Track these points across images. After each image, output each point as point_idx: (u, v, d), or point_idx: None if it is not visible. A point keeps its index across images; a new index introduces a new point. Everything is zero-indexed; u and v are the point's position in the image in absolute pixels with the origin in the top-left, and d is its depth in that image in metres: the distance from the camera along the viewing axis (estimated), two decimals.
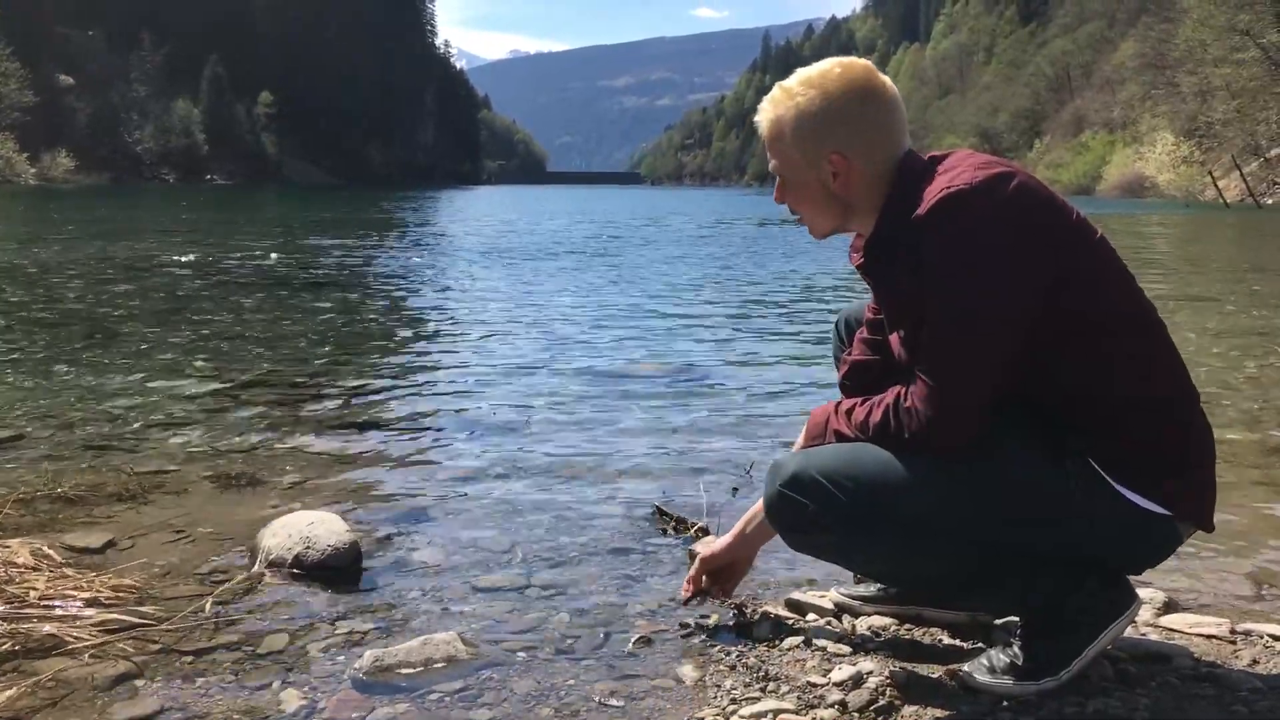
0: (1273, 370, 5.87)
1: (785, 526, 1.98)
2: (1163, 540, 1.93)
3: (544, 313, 8.37)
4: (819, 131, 1.95)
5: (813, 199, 2.03)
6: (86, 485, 3.39)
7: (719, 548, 2.32)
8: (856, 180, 1.97)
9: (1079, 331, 1.84)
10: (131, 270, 11.25)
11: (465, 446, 4.03)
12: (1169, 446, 1.88)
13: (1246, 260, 15.58)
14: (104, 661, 2.14)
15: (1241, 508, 3.29)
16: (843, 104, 1.94)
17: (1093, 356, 1.86)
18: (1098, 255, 1.88)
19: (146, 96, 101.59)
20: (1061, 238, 1.83)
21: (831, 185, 1.98)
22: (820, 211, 2.05)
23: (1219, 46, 58.53)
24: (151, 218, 26.02)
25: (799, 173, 2.00)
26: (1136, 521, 1.86)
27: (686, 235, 21.47)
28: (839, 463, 1.89)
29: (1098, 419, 1.87)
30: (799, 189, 2.03)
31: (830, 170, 1.96)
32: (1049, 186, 1.92)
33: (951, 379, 1.81)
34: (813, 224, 2.09)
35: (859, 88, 1.95)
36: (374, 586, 2.61)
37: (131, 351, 6.10)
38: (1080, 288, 1.83)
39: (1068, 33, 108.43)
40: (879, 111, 1.96)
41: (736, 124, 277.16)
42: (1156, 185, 59.57)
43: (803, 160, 1.98)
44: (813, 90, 1.95)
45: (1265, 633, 2.27)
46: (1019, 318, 1.80)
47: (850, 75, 1.96)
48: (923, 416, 1.82)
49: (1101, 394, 1.87)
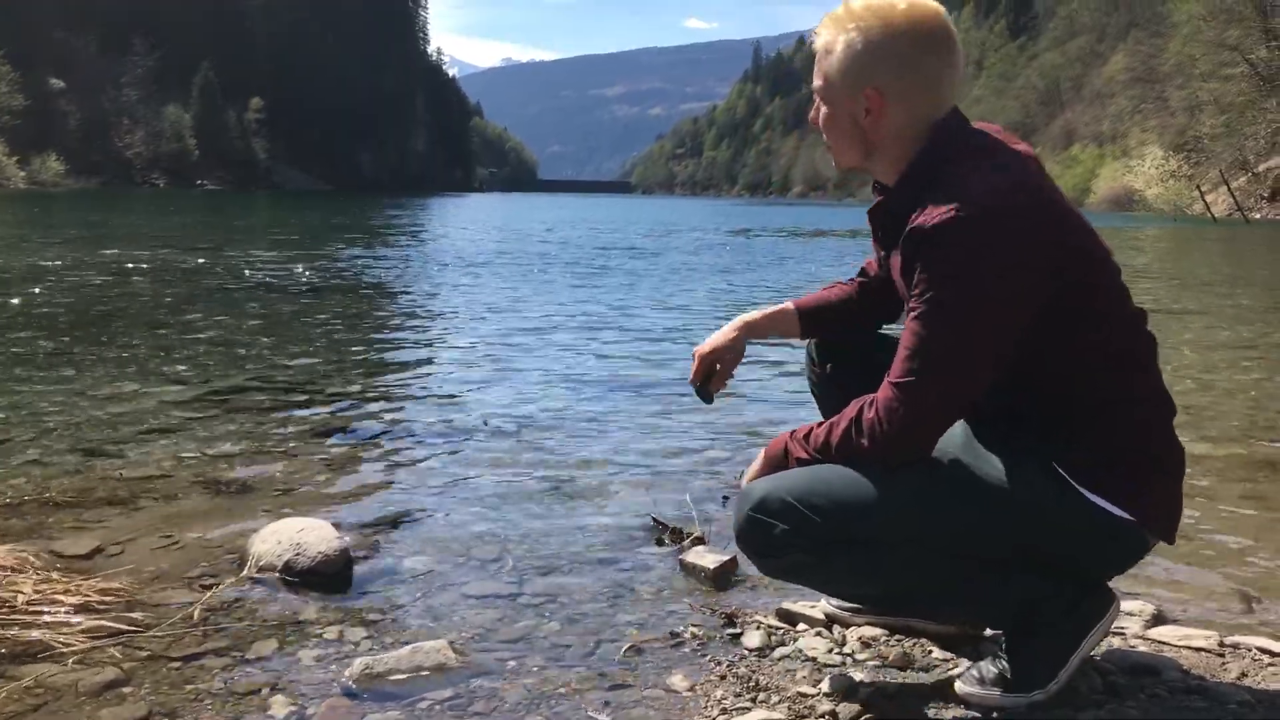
0: (1259, 383, 5.90)
1: (756, 551, 1.94)
2: (1129, 547, 1.92)
3: (536, 320, 8.37)
4: (865, 63, 1.87)
5: (840, 128, 1.96)
6: (75, 490, 3.38)
7: (712, 337, 2.32)
8: (887, 124, 1.90)
9: (1062, 341, 1.83)
10: (120, 275, 11.21)
11: (456, 453, 4.02)
12: (1138, 456, 1.87)
13: (1233, 274, 15.66)
14: (91, 667, 2.13)
15: (1228, 520, 3.30)
16: (898, 42, 1.86)
17: (1071, 367, 1.86)
18: (1096, 268, 1.86)
19: (137, 101, 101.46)
20: (1063, 255, 1.79)
21: (862, 120, 1.91)
22: (845, 143, 1.98)
23: (1208, 62, 58.91)
24: (141, 222, 25.93)
25: (835, 97, 1.94)
26: (1103, 528, 1.85)
27: (683, 244, 21.47)
28: (807, 484, 1.87)
29: (1067, 425, 1.87)
30: (830, 116, 1.97)
31: (864, 105, 1.90)
32: (1054, 190, 1.88)
33: (925, 396, 1.79)
34: (836, 153, 2.02)
35: (922, 31, 1.86)
36: (364, 593, 2.61)
37: (121, 356, 6.07)
38: (1073, 301, 1.82)
39: (1058, 46, 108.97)
40: (933, 63, 1.88)
41: (728, 133, 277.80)
42: (1145, 199, 59.83)
43: (841, 86, 1.91)
44: (875, 19, 1.86)
45: (1254, 645, 2.27)
46: (1004, 347, 1.79)
47: (916, 16, 1.86)
48: (888, 426, 1.80)
49: (1075, 400, 1.86)
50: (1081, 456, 1.85)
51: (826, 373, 2.32)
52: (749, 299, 10.66)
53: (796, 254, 19.58)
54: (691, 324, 8.40)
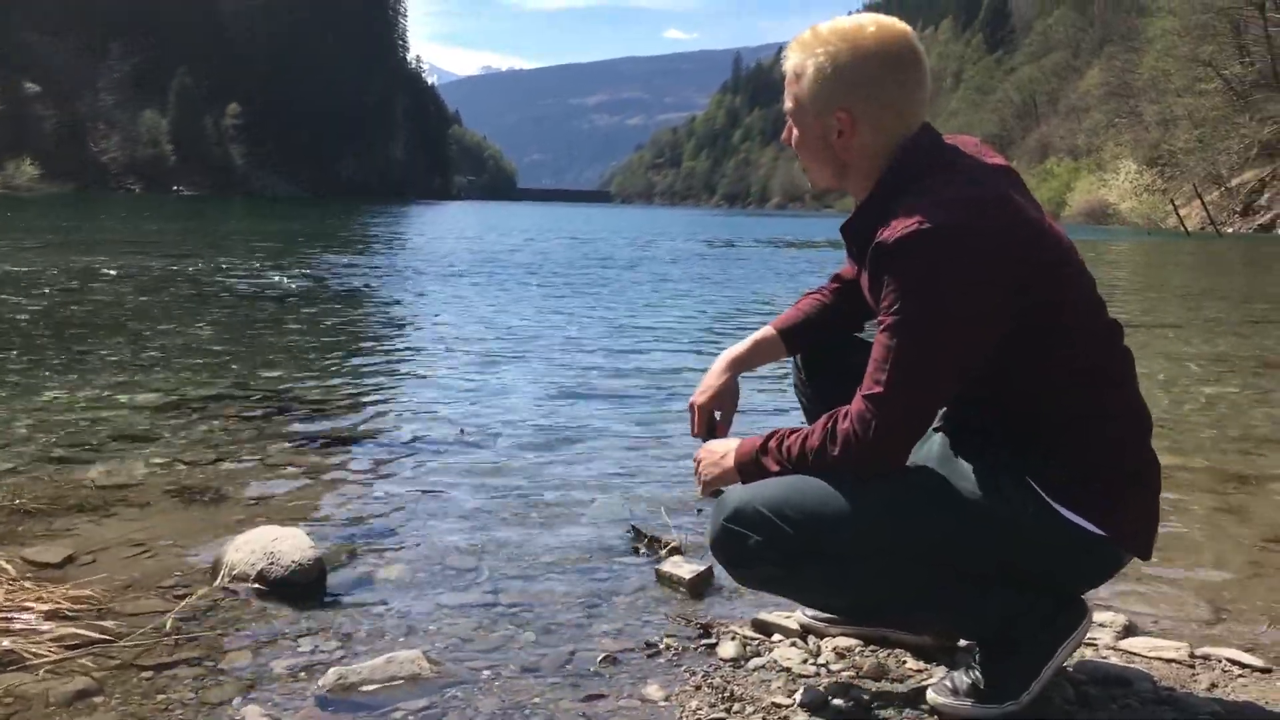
0: (1230, 396, 5.96)
1: (730, 561, 1.95)
2: (1103, 563, 1.94)
3: (514, 330, 8.36)
4: (835, 85, 1.89)
5: (812, 149, 1.99)
6: (47, 498, 3.35)
7: (704, 384, 2.36)
8: (858, 144, 1.92)
9: (1031, 357, 1.84)
10: (93, 281, 11.13)
11: (433, 462, 4.01)
12: (1113, 470, 1.88)
13: (1206, 288, 15.80)
14: (62, 677, 2.11)
15: (1199, 532, 3.33)
16: (866, 65, 1.88)
17: (1044, 381, 1.87)
18: (1065, 284, 1.87)
19: (114, 106, 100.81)
20: (1029, 272, 1.80)
21: (833, 141, 1.93)
22: (818, 163, 2.01)
23: (1182, 77, 59.56)
24: (116, 228, 25.73)
25: (806, 119, 1.96)
26: (1077, 543, 1.86)
27: (664, 254, 21.50)
28: (782, 495, 1.87)
29: (1041, 440, 1.88)
30: (801, 136, 1.99)
31: (835, 126, 1.92)
32: (1028, 204, 1.88)
33: (894, 408, 1.79)
34: (810, 173, 2.05)
35: (890, 54, 1.88)
36: (338, 603, 2.59)
37: (94, 364, 6.03)
38: (1040, 318, 1.83)
39: (1034, 60, 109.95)
40: (901, 83, 1.90)
41: (707, 144, 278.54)
42: (1120, 212, 60.27)
43: (812, 108, 1.94)
44: (843, 43, 1.88)
45: (1224, 657, 2.30)
46: (969, 360, 1.81)
47: (883, 38, 1.89)
48: (860, 437, 1.81)
49: (1046, 416, 1.88)
50: (1056, 472, 1.86)
51: (812, 382, 2.33)
52: (732, 310, 10.68)
53: (780, 264, 19.64)
54: (673, 334, 8.41)
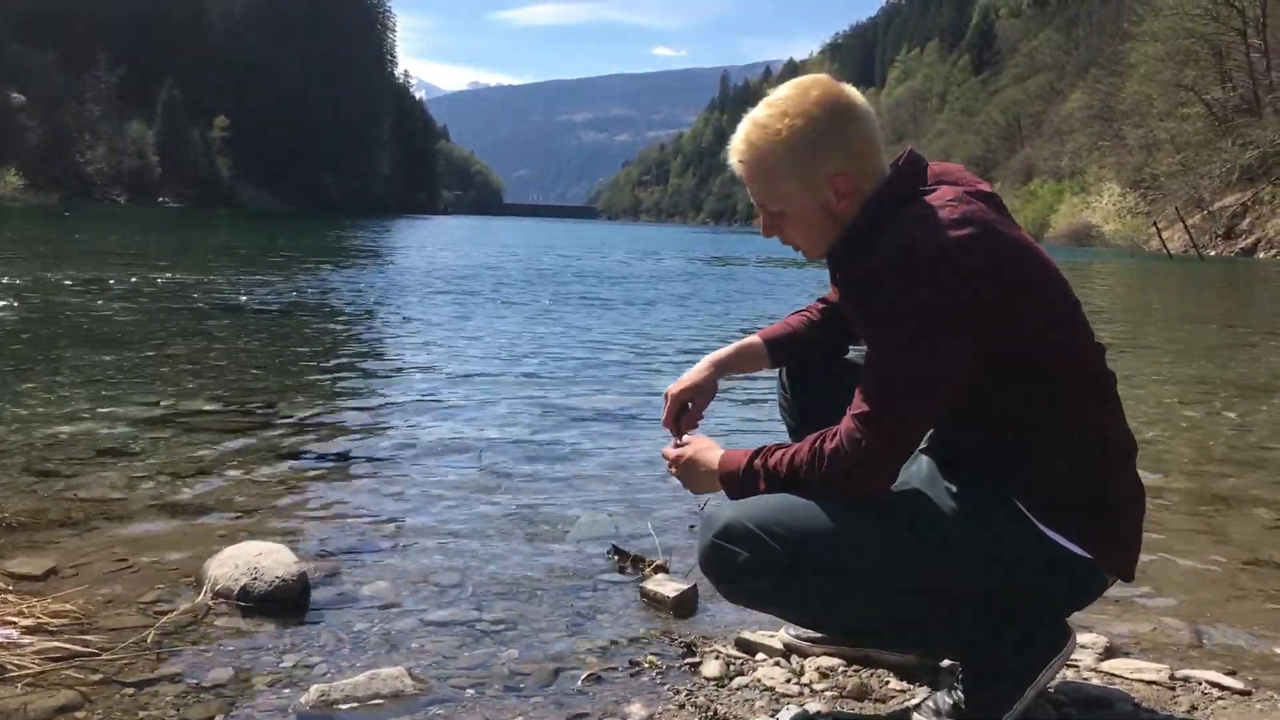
0: (1212, 418, 6.00)
1: (719, 577, 1.95)
2: (1087, 585, 1.95)
3: (500, 345, 8.36)
4: (816, 156, 1.89)
5: (812, 225, 1.97)
6: (28, 511, 3.33)
7: (683, 377, 2.33)
8: (860, 195, 1.92)
9: (1017, 378, 1.86)
10: (77, 293, 11.08)
11: (418, 479, 4.01)
12: (1098, 493, 1.89)
13: (1188, 310, 15.93)
14: (44, 690, 2.10)
15: (1181, 554, 3.34)
16: (830, 124, 1.89)
17: (1029, 404, 1.88)
18: (1049, 310, 1.89)
19: (100, 117, 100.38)
20: (1013, 294, 1.82)
21: (835, 207, 1.93)
22: (820, 236, 1.98)
23: (1164, 101, 60.09)
24: (100, 239, 25.63)
25: (797, 202, 1.94)
26: (1062, 565, 1.88)
27: (651, 272, 21.53)
28: (772, 513, 1.88)
29: (1027, 462, 1.89)
30: (797, 219, 1.97)
31: (833, 192, 1.91)
32: (1011, 228, 1.90)
33: (882, 428, 1.81)
34: (810, 249, 2.02)
35: (839, 105, 1.90)
36: (321, 619, 2.59)
37: (77, 377, 6.00)
38: (1025, 343, 1.84)
39: (1019, 83, 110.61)
40: (864, 124, 1.92)
41: (694, 161, 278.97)
42: (1103, 234, 60.70)
43: (801, 189, 1.92)
44: (797, 119, 1.89)
45: (1204, 679, 2.31)
46: (955, 381, 1.82)
47: (829, 94, 1.91)
48: (848, 455, 1.82)
49: (1033, 438, 1.89)
50: (1041, 494, 1.87)
51: (798, 400, 2.34)
52: (721, 325, 10.70)
53: (773, 281, 19.69)
54: (660, 350, 8.42)
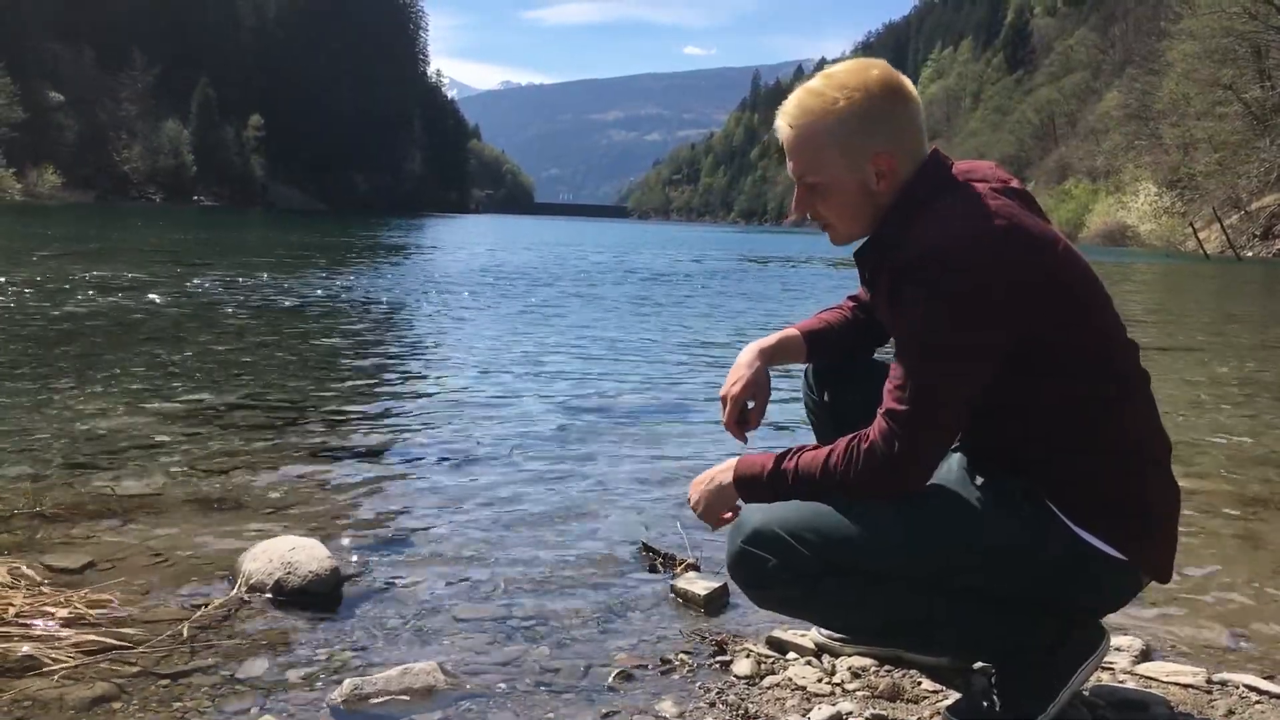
0: (1249, 419, 5.93)
1: (747, 582, 1.95)
2: (1122, 586, 1.93)
3: (531, 344, 8.37)
4: (866, 132, 1.89)
5: (848, 203, 1.95)
6: (66, 505, 3.37)
7: (734, 375, 2.29)
8: (897, 180, 1.92)
9: (1050, 377, 1.84)
10: (113, 290, 11.20)
11: (448, 475, 4.03)
12: (1131, 494, 1.87)
13: (1226, 311, 15.74)
14: (80, 683, 2.13)
15: (1217, 556, 3.31)
16: (884, 103, 1.90)
17: (1062, 402, 1.86)
18: (1082, 306, 1.87)
19: (135, 116, 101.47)
20: (1045, 290, 1.81)
21: (874, 186, 1.92)
22: (854, 216, 1.97)
23: (1202, 100, 59.37)
24: (136, 238, 25.91)
25: (837, 176, 1.93)
26: (1095, 566, 1.86)
27: (675, 271, 21.51)
28: (801, 518, 1.88)
29: (1060, 462, 1.87)
30: (834, 194, 1.95)
31: (874, 171, 1.91)
32: (1043, 225, 1.89)
33: (917, 426, 1.80)
34: (840, 229, 2.01)
35: (895, 86, 1.91)
36: (354, 614, 2.60)
37: (114, 373, 6.07)
38: (1058, 339, 1.83)
39: (1053, 81, 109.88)
40: (915, 110, 1.94)
41: (725, 161, 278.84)
42: (1138, 234, 60.14)
43: (844, 163, 1.91)
44: (855, 92, 1.89)
45: (1241, 683, 2.28)
46: (988, 378, 1.81)
47: (887, 74, 1.92)
48: (885, 455, 1.82)
49: (1066, 438, 1.87)
50: (1075, 495, 1.86)
51: (824, 399, 2.33)
52: (758, 323, 10.68)
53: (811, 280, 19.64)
54: (693, 348, 8.41)
